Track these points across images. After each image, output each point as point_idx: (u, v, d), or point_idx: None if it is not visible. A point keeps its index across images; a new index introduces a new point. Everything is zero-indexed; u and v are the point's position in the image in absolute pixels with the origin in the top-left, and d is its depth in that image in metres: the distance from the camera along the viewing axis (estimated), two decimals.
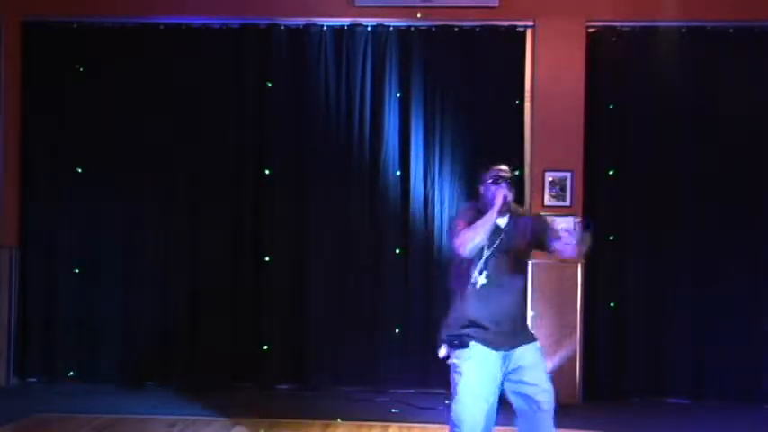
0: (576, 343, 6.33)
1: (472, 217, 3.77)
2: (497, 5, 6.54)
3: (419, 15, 6.57)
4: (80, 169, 6.76)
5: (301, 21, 6.67)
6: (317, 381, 6.61)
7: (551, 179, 6.44)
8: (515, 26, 6.59)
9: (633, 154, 6.57)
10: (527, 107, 6.57)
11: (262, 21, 6.71)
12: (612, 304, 6.52)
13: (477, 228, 3.68)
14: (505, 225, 3.84)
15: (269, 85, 6.71)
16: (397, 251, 6.62)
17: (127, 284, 6.72)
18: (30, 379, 6.80)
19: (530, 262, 4.06)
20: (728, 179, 6.47)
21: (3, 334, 6.67)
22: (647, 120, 6.54)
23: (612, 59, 6.58)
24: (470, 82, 6.63)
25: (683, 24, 6.50)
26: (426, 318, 6.49)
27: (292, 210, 6.69)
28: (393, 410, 6.04)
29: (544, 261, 5.94)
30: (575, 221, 3.47)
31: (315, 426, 5.57)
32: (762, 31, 6.48)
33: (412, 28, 6.64)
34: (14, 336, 6.72)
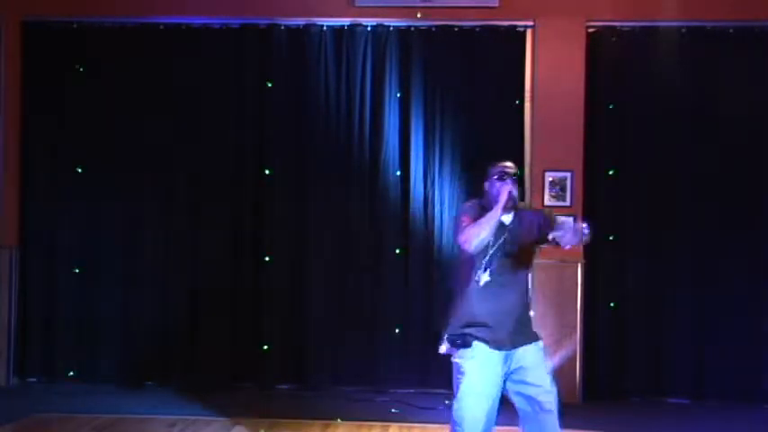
0: (576, 343, 6.34)
1: (477, 213, 3.74)
2: (497, 5, 6.54)
3: (419, 15, 6.57)
4: (80, 169, 6.76)
5: (301, 21, 6.68)
6: (317, 381, 6.61)
7: (551, 179, 6.44)
8: (515, 26, 6.59)
9: (633, 154, 6.57)
10: (527, 107, 6.57)
11: (262, 21, 6.71)
12: (612, 304, 6.53)
13: (482, 224, 3.65)
14: (510, 222, 3.82)
15: (269, 85, 6.71)
16: (397, 251, 6.62)
17: (127, 284, 6.73)
18: (30, 379, 6.80)
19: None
20: (728, 179, 6.47)
21: (3, 334, 6.67)
22: (647, 120, 6.54)
23: (612, 59, 6.58)
24: (470, 82, 6.63)
25: (683, 24, 6.50)
26: (426, 318, 6.51)
27: (292, 210, 6.69)
28: (393, 410, 6.04)
29: (544, 261, 5.94)
30: (573, 221, 3.48)
31: (315, 426, 5.57)
32: (762, 31, 6.48)
33: (412, 28, 6.64)
34: (14, 336, 6.72)
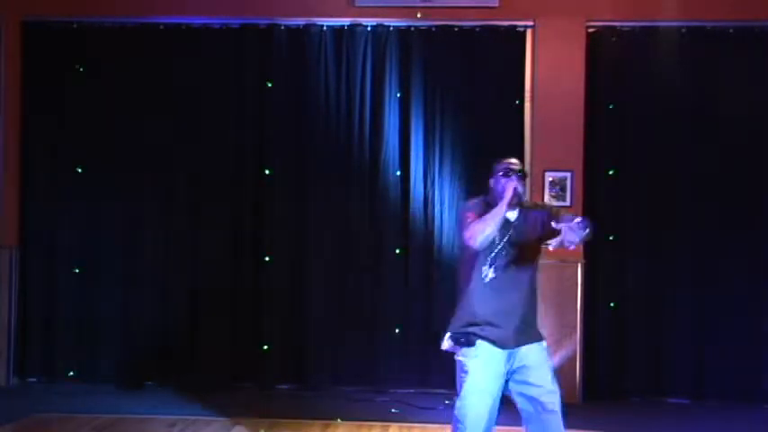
0: (576, 343, 6.34)
1: (482, 210, 3.74)
2: (497, 5, 6.54)
3: (419, 15, 6.57)
4: (80, 169, 6.76)
5: (301, 21, 6.67)
6: (317, 381, 6.61)
7: (551, 179, 6.44)
8: (515, 26, 6.59)
9: (633, 154, 6.57)
10: (527, 107, 6.57)
11: (262, 21, 6.71)
12: (612, 304, 6.53)
13: (487, 220, 3.65)
14: (515, 219, 3.82)
15: (269, 85, 6.71)
16: (397, 251, 6.61)
17: (127, 284, 6.72)
18: (30, 379, 6.80)
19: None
20: (728, 179, 6.47)
21: (3, 334, 6.67)
22: (647, 120, 6.54)
23: (612, 59, 6.57)
24: (470, 82, 6.63)
25: (683, 24, 6.50)
26: (426, 318, 6.51)
27: (292, 210, 6.69)
28: (393, 410, 6.03)
29: (544, 261, 5.90)
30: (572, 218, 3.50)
31: (315, 426, 5.57)
32: (762, 31, 6.48)
33: (412, 28, 6.64)
34: (14, 336, 6.72)
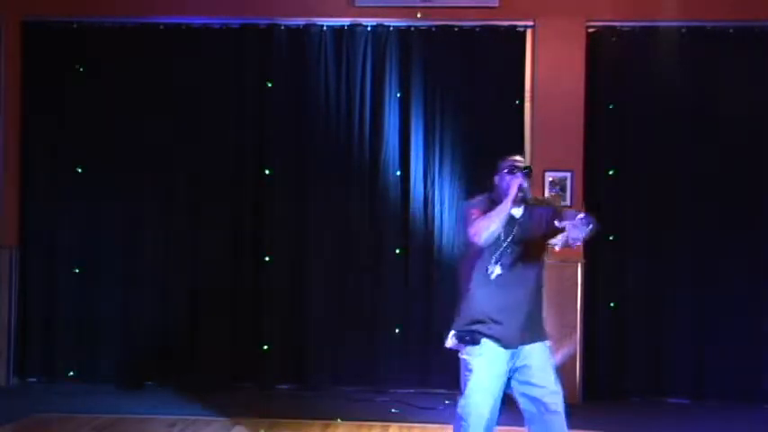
0: (576, 343, 6.34)
1: (487, 207, 3.75)
2: (497, 5, 6.54)
3: (419, 15, 6.57)
4: (80, 169, 6.76)
5: (301, 21, 6.67)
6: (317, 381, 6.61)
7: (551, 179, 6.44)
8: (515, 26, 6.59)
9: (633, 154, 6.57)
10: (527, 107, 6.57)
11: (262, 21, 6.71)
12: (612, 304, 6.53)
13: (492, 216, 3.65)
14: (521, 216, 3.82)
15: (269, 85, 6.71)
16: (397, 251, 6.61)
17: (127, 284, 6.72)
18: (30, 379, 6.80)
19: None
20: (728, 179, 6.47)
21: (3, 334, 6.67)
22: (647, 120, 6.54)
23: (612, 59, 6.57)
24: (470, 82, 6.63)
25: (683, 24, 6.50)
26: (426, 318, 6.51)
27: (292, 210, 6.69)
28: (393, 410, 6.03)
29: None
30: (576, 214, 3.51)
31: (315, 426, 5.57)
32: (762, 31, 6.48)
33: (412, 28, 6.64)
34: (14, 336, 6.72)
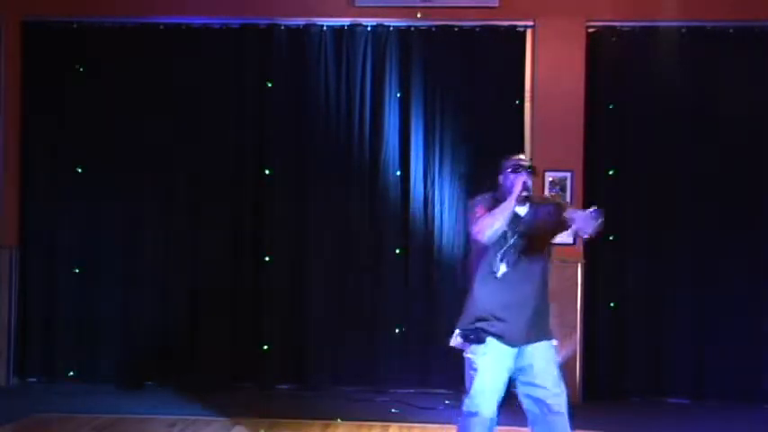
0: (576, 343, 6.33)
1: (491, 205, 3.76)
2: (497, 5, 6.54)
3: (419, 15, 6.57)
4: (80, 169, 6.76)
5: (301, 21, 6.67)
6: (317, 381, 6.61)
7: (551, 179, 6.44)
8: (515, 26, 6.59)
9: (633, 154, 6.57)
10: (527, 107, 6.57)
11: (262, 21, 6.71)
12: (612, 304, 6.53)
13: (496, 214, 3.66)
14: (526, 214, 3.83)
15: (269, 85, 6.71)
16: (397, 251, 6.61)
17: (127, 284, 6.73)
18: (30, 379, 6.79)
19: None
20: (728, 179, 6.47)
21: (3, 334, 6.67)
22: (647, 120, 6.54)
23: (612, 59, 6.58)
24: (470, 82, 6.63)
25: (683, 24, 6.50)
26: (426, 318, 6.51)
27: (292, 210, 6.69)
28: (393, 410, 6.03)
29: None
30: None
31: (315, 426, 5.57)
32: (762, 31, 6.48)
33: (412, 28, 6.64)
34: (14, 336, 6.72)
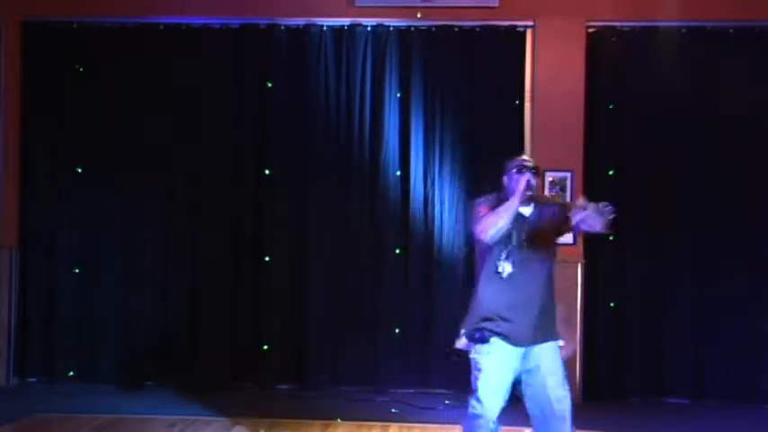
0: (576, 343, 6.34)
1: (495, 205, 3.75)
2: (497, 5, 6.54)
3: (419, 15, 6.57)
4: (80, 169, 6.76)
5: (301, 21, 6.67)
6: (317, 381, 6.61)
7: (551, 179, 6.44)
8: (515, 26, 6.59)
9: (633, 154, 6.57)
10: (527, 107, 6.57)
11: (262, 21, 6.71)
12: (612, 304, 6.53)
13: (499, 213, 3.66)
14: (530, 214, 3.83)
15: (269, 85, 6.71)
16: (397, 251, 6.61)
17: (127, 284, 6.72)
18: (30, 379, 6.79)
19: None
20: (728, 179, 6.47)
21: (3, 334, 6.67)
22: (647, 120, 6.54)
23: (612, 59, 6.57)
24: (470, 82, 6.63)
25: (683, 24, 6.50)
26: (426, 318, 6.52)
27: (292, 210, 6.69)
28: (393, 410, 6.03)
29: None
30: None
31: (315, 426, 5.56)
32: (762, 31, 6.48)
33: (412, 28, 6.64)
34: (14, 336, 6.72)
